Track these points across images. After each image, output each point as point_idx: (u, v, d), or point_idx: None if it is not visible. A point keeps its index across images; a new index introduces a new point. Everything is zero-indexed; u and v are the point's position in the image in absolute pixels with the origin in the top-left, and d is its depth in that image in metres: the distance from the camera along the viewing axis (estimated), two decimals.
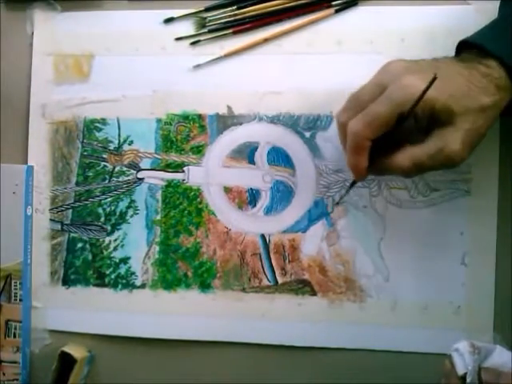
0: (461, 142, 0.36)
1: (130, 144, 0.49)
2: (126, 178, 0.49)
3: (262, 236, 0.48)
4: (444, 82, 0.35)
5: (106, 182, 0.50)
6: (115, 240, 0.49)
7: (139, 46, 0.49)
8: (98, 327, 0.49)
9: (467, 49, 0.39)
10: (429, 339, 0.45)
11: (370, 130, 0.37)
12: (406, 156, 0.37)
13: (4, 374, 0.49)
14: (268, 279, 0.47)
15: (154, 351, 0.49)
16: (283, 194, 0.48)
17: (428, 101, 0.35)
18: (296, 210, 0.47)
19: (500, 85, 0.36)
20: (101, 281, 0.49)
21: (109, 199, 0.49)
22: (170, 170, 0.49)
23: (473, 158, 0.45)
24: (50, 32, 0.50)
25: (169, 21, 0.49)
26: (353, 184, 0.43)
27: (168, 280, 0.49)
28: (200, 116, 0.48)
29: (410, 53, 0.45)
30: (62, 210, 0.50)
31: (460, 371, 0.35)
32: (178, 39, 0.48)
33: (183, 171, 0.49)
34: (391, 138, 0.38)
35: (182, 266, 0.48)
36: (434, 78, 0.34)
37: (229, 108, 0.48)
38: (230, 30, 0.48)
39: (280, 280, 0.47)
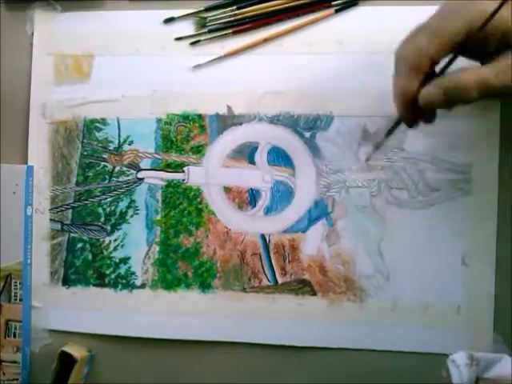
0: None
1: (130, 144, 0.49)
2: (126, 178, 0.49)
3: (262, 236, 0.48)
4: None
5: (106, 182, 0.50)
6: (115, 240, 0.49)
7: (139, 46, 0.49)
8: (98, 327, 0.49)
9: None
10: (429, 339, 0.45)
11: (435, 47, 0.34)
12: (471, 73, 0.34)
13: (4, 374, 0.49)
14: (268, 279, 0.47)
15: (154, 351, 0.49)
16: (283, 194, 0.48)
17: (502, 21, 0.33)
18: (296, 210, 0.47)
19: None
20: (101, 281, 0.49)
21: (109, 199, 0.49)
22: (169, 170, 0.49)
23: (473, 157, 0.45)
24: (50, 32, 0.50)
25: (169, 21, 0.49)
26: (395, 126, 0.40)
27: (168, 280, 0.49)
28: (200, 116, 0.48)
29: None
30: (62, 210, 0.50)
31: (455, 382, 0.34)
32: (177, 39, 0.48)
33: (183, 171, 0.49)
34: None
35: (181, 266, 0.49)
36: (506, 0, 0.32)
37: (229, 108, 0.48)
38: (230, 30, 0.48)
39: (280, 280, 0.47)
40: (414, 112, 0.37)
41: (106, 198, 0.49)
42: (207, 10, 0.48)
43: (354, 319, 0.46)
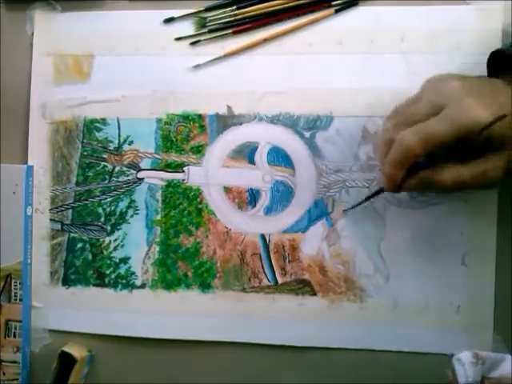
0: (502, 167, 0.36)
1: (130, 144, 0.49)
2: (126, 178, 0.49)
3: (262, 236, 0.48)
4: (502, 110, 0.35)
5: (106, 182, 0.50)
6: (115, 240, 0.49)
7: (139, 46, 0.49)
8: (98, 327, 0.49)
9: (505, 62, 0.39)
10: (429, 339, 0.45)
11: (424, 147, 0.36)
12: (449, 173, 0.37)
13: (4, 374, 0.49)
14: (268, 279, 0.47)
15: (154, 351, 0.49)
16: (283, 194, 0.48)
17: (489, 128, 0.35)
18: (296, 209, 0.47)
19: None
20: (101, 281, 0.49)
21: (109, 199, 0.49)
22: (169, 170, 0.49)
23: None
24: (50, 32, 0.50)
25: (169, 21, 0.49)
26: (377, 193, 0.43)
27: (168, 280, 0.49)
28: (200, 116, 0.48)
29: (410, 53, 0.46)
30: (62, 210, 0.50)
31: (461, 381, 0.34)
32: (177, 39, 0.48)
33: (183, 171, 0.49)
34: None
35: (181, 266, 0.49)
36: (503, 116, 0.34)
37: (229, 108, 0.48)
38: (230, 30, 0.48)
39: (280, 280, 0.47)
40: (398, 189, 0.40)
41: (106, 198, 0.49)
42: (207, 9, 0.48)
43: (354, 319, 0.46)
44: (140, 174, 0.49)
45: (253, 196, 0.48)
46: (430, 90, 0.38)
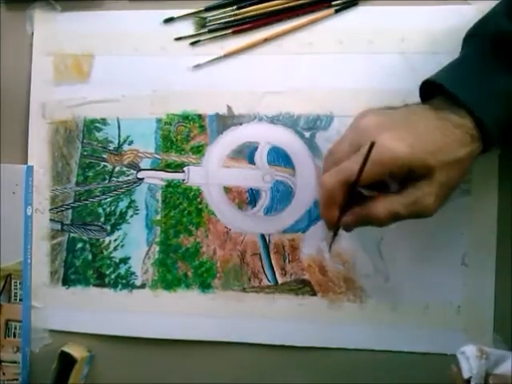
0: (435, 195, 0.37)
1: (129, 144, 0.49)
2: (125, 178, 0.49)
3: (262, 236, 0.48)
4: (420, 138, 0.36)
5: (106, 182, 0.50)
6: (115, 240, 0.49)
7: (139, 46, 0.49)
8: (98, 327, 0.49)
9: (433, 88, 0.39)
10: (429, 339, 0.45)
11: (342, 188, 0.37)
12: (382, 206, 0.37)
13: (4, 374, 0.49)
14: (268, 279, 0.47)
15: (154, 351, 0.49)
16: (283, 194, 0.48)
17: (404, 159, 0.35)
18: (296, 209, 0.47)
19: (474, 135, 0.37)
20: (101, 281, 0.49)
21: (109, 199, 0.49)
22: (169, 170, 0.49)
23: None
24: (50, 32, 0.50)
25: (169, 21, 0.49)
26: (334, 236, 0.42)
27: (168, 280, 0.49)
28: (200, 116, 0.48)
29: (410, 53, 0.46)
30: (62, 210, 0.50)
31: (465, 375, 0.34)
32: (177, 39, 0.48)
33: (183, 171, 0.49)
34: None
35: (181, 266, 0.49)
36: (372, 144, 0.34)
37: (229, 108, 0.48)
38: (230, 30, 0.48)
39: (280, 280, 0.47)
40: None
41: (106, 198, 0.49)
42: (207, 9, 0.48)
43: (354, 319, 0.46)
44: (140, 174, 0.49)
45: (253, 196, 0.48)
46: (351, 128, 0.39)
